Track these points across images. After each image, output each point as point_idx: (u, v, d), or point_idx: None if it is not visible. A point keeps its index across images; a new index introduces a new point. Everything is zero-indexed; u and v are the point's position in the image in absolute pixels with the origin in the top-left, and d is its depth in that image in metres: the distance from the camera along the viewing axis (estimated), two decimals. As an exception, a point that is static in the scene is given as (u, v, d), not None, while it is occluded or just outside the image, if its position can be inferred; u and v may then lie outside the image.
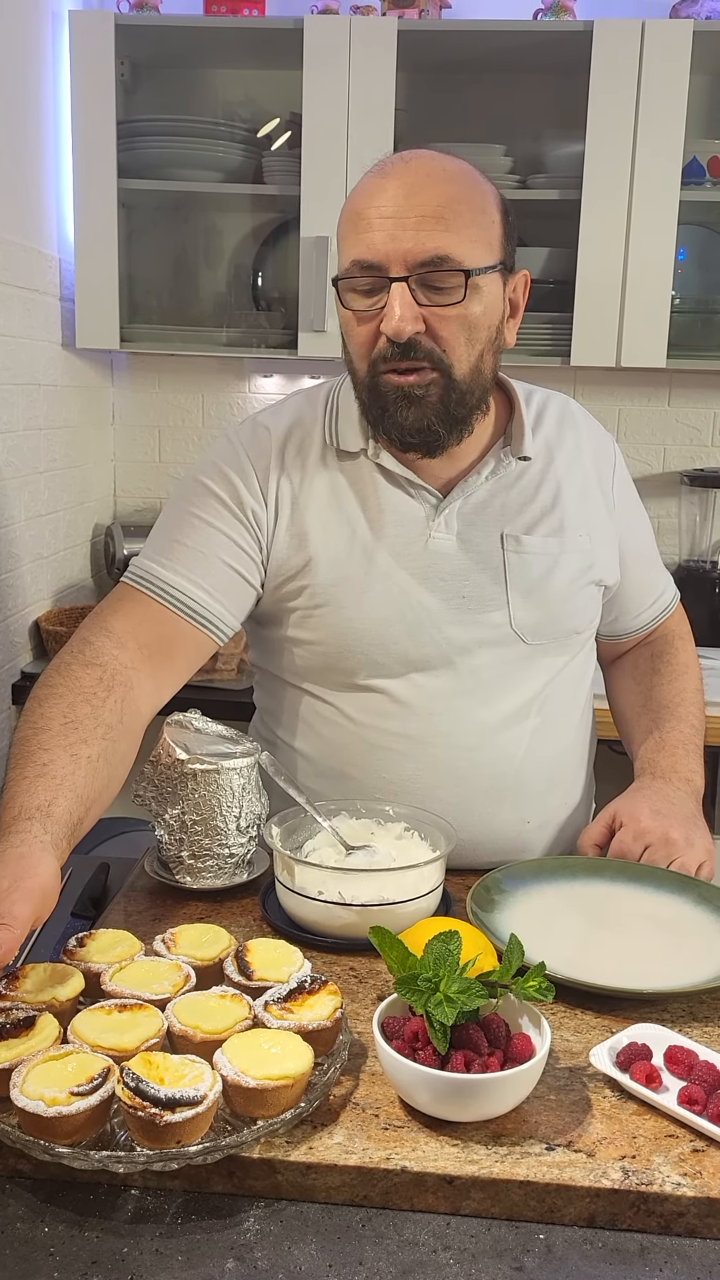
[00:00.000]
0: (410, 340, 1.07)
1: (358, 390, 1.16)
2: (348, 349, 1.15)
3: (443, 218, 1.06)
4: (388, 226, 1.06)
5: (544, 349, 2.26)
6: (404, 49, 2.15)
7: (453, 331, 1.09)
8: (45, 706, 1.02)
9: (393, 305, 1.06)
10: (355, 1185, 0.74)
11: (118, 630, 1.12)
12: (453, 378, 1.10)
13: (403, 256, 1.06)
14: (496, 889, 1.07)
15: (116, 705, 1.05)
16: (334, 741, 1.23)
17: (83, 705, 1.02)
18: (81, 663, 1.08)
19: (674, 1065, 0.82)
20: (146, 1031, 0.80)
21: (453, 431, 1.14)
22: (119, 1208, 0.73)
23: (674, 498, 2.53)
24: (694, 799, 1.21)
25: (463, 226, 1.07)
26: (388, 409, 1.12)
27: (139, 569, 1.17)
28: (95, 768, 0.99)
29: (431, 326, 1.08)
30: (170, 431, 2.68)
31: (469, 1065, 0.77)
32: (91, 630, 1.12)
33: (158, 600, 1.14)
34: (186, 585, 1.15)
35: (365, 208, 1.09)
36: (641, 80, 2.11)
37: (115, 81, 2.22)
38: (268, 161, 2.33)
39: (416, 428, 1.12)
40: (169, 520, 1.20)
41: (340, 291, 1.11)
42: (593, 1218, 0.73)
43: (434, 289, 1.07)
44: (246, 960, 0.90)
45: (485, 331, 1.12)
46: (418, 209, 1.06)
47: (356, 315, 1.10)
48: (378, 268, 1.07)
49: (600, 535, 1.26)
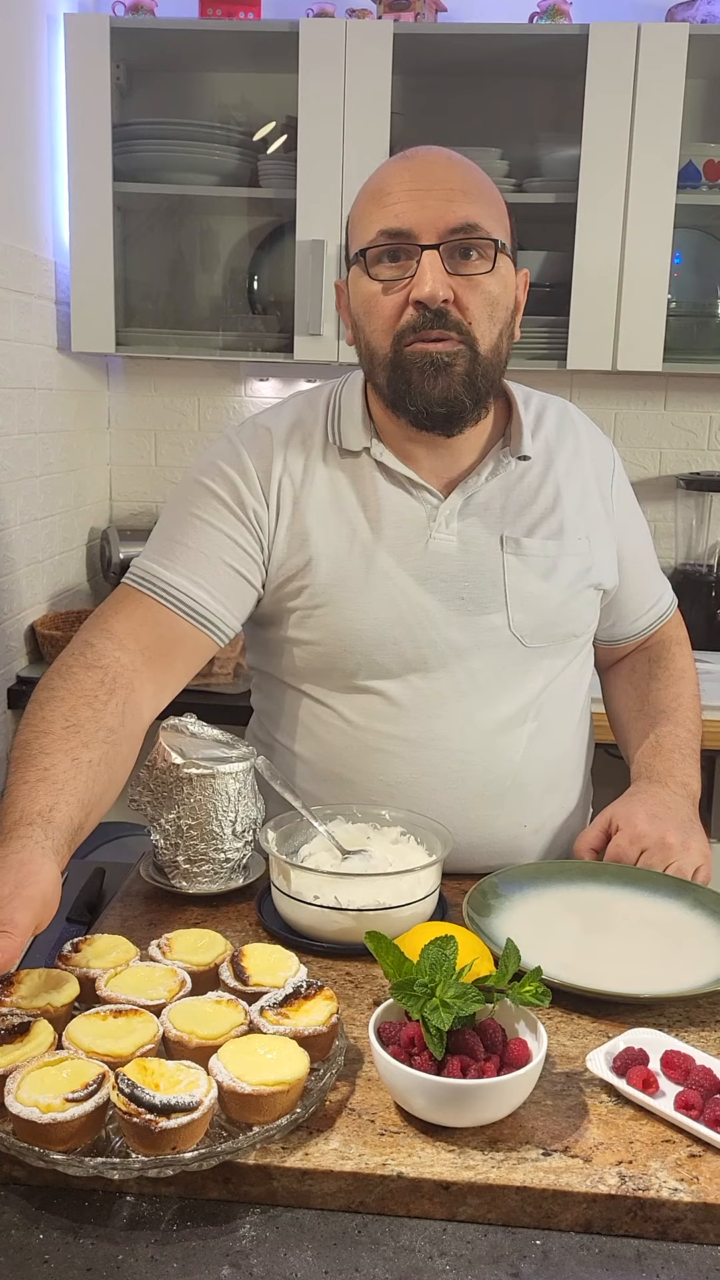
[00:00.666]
0: (439, 309, 1.08)
1: (376, 372, 1.15)
2: (365, 332, 1.14)
3: (469, 192, 1.10)
4: (416, 197, 1.08)
5: (540, 352, 2.26)
6: (400, 52, 2.16)
7: (478, 304, 1.10)
8: (47, 710, 1.02)
9: (424, 271, 1.08)
10: (351, 1191, 0.74)
11: (119, 632, 1.12)
12: (477, 351, 1.11)
13: (433, 224, 1.08)
14: (493, 893, 1.07)
15: (118, 708, 1.05)
16: (331, 744, 1.23)
17: (84, 708, 1.02)
18: (83, 665, 1.07)
19: (671, 1070, 0.82)
20: (142, 1037, 0.80)
21: (476, 405, 1.15)
22: (114, 1214, 0.73)
23: (670, 501, 2.53)
24: (690, 803, 1.21)
25: (486, 204, 1.11)
26: (413, 380, 1.12)
27: (140, 570, 1.17)
28: (96, 771, 0.98)
29: (459, 298, 1.10)
30: (166, 435, 2.68)
31: (465, 1070, 0.77)
32: (93, 632, 1.12)
33: (159, 601, 1.14)
34: (188, 586, 1.15)
35: (390, 185, 1.11)
36: (637, 84, 2.11)
37: (110, 85, 2.22)
38: (263, 165, 2.33)
39: (444, 397, 1.12)
40: (170, 521, 1.20)
41: (367, 264, 1.11)
42: (589, 1223, 0.73)
43: (462, 261, 1.09)
44: (242, 965, 0.90)
45: (503, 312, 1.14)
46: (444, 182, 1.09)
47: (384, 286, 1.11)
48: (407, 235, 1.08)
49: (599, 539, 1.26)
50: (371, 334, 1.13)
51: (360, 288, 1.13)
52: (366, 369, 1.18)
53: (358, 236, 1.13)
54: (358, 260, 1.12)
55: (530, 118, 2.36)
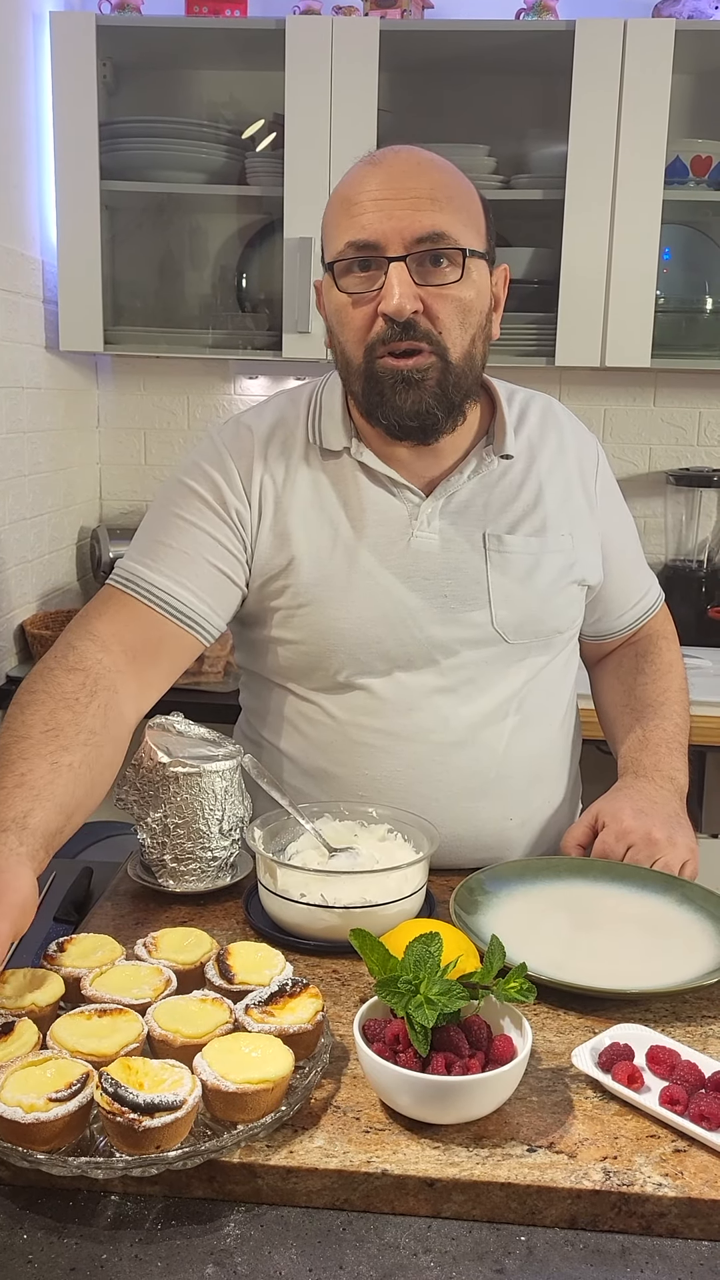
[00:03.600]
0: (408, 320, 1.08)
1: (351, 380, 1.15)
2: (339, 340, 1.14)
3: (436, 199, 1.08)
4: (383, 207, 1.07)
5: (529, 349, 2.26)
6: (386, 49, 2.15)
7: (449, 313, 1.09)
8: (27, 714, 1.01)
9: (391, 284, 1.07)
10: (336, 1189, 0.74)
11: (102, 633, 1.12)
12: (449, 360, 1.11)
13: (399, 234, 1.07)
14: (480, 890, 1.07)
15: (100, 710, 1.04)
16: (317, 740, 1.23)
17: (64, 712, 1.02)
18: (65, 668, 1.07)
19: (656, 1065, 0.82)
20: (126, 1036, 0.80)
21: (449, 417, 1.14)
22: (98, 1214, 0.73)
23: (660, 497, 2.53)
24: (677, 797, 1.21)
25: (456, 210, 1.09)
26: (385, 394, 1.11)
27: (124, 571, 1.16)
28: (77, 775, 0.98)
29: (428, 307, 1.09)
30: (156, 434, 2.67)
31: (450, 1067, 0.77)
32: (75, 634, 1.12)
33: (143, 602, 1.14)
34: (172, 587, 1.15)
35: (357, 193, 1.09)
36: (624, 80, 2.11)
37: (97, 83, 2.21)
38: (251, 163, 2.33)
39: (415, 411, 1.11)
40: (153, 522, 1.20)
41: (335, 275, 1.11)
42: (574, 1219, 0.73)
43: (431, 269, 1.08)
44: (228, 964, 0.90)
45: (477, 317, 1.13)
46: (411, 191, 1.08)
47: (352, 299, 1.10)
48: (374, 247, 1.08)
49: (582, 535, 1.26)
50: (345, 344, 1.14)
51: (332, 298, 1.13)
52: (343, 375, 1.18)
53: (328, 246, 1.13)
54: (328, 271, 1.12)
55: (517, 114, 2.36)
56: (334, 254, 1.11)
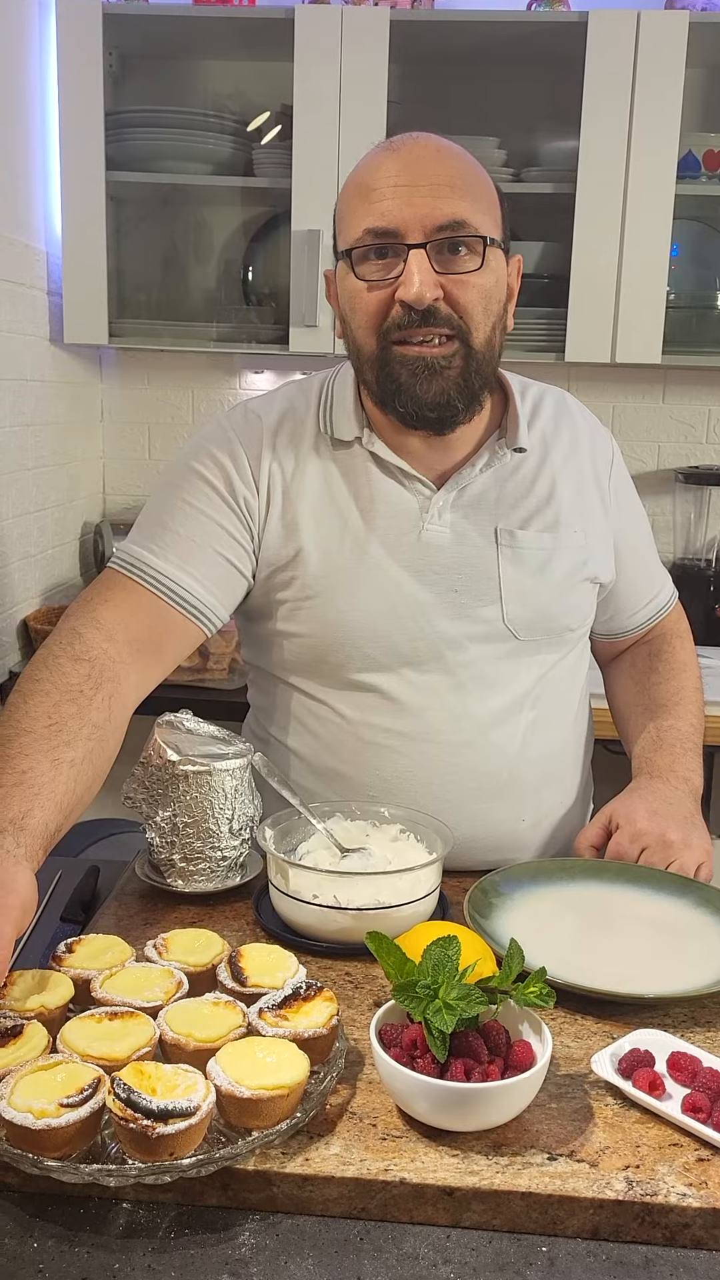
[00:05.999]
0: (429, 308, 1.06)
1: (364, 368, 1.13)
2: (352, 327, 1.12)
3: (456, 186, 1.06)
4: (402, 194, 1.05)
5: (539, 344, 2.24)
6: (396, 39, 2.13)
7: (471, 299, 1.08)
8: (30, 704, 1.00)
9: (411, 272, 1.05)
10: (353, 1197, 0.72)
11: (107, 621, 1.10)
12: (472, 346, 1.09)
13: (420, 222, 1.05)
14: (494, 892, 1.05)
15: (104, 703, 1.03)
16: (327, 739, 1.21)
17: (69, 705, 1.00)
18: (70, 657, 1.05)
19: (677, 1072, 0.80)
20: (138, 1040, 0.78)
21: (469, 406, 1.13)
22: (110, 1222, 0.71)
23: (669, 495, 2.52)
24: (692, 798, 1.19)
25: (475, 198, 1.08)
26: (403, 382, 1.09)
27: (129, 555, 1.14)
28: (78, 771, 0.96)
29: (449, 294, 1.07)
30: (160, 428, 2.65)
31: (469, 1074, 0.75)
32: (80, 620, 1.10)
33: (150, 590, 1.12)
34: (179, 575, 1.13)
35: (375, 179, 1.08)
36: (637, 72, 2.09)
37: (103, 72, 2.19)
38: (258, 154, 2.31)
39: (437, 401, 1.10)
40: (159, 505, 1.18)
41: (353, 263, 1.09)
42: (596, 1229, 0.71)
43: (451, 257, 1.07)
44: (240, 966, 0.88)
45: (496, 305, 1.12)
46: (430, 177, 1.06)
47: (369, 284, 1.08)
48: (393, 234, 1.06)
49: (595, 532, 1.24)
50: (357, 330, 1.12)
51: (347, 285, 1.11)
52: (355, 364, 1.16)
53: (344, 232, 1.11)
54: (344, 259, 1.10)
55: (528, 106, 2.34)
56: (351, 241, 1.09)
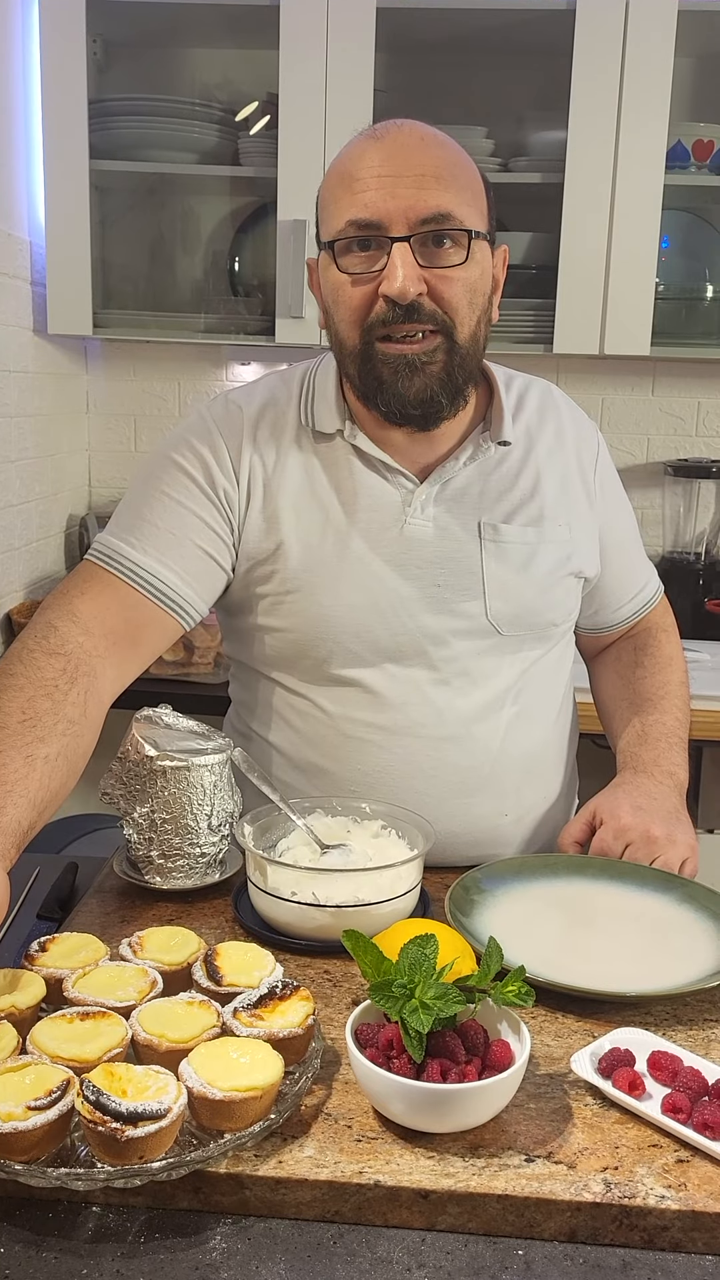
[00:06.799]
0: (413, 303, 1.04)
1: (346, 362, 1.12)
2: (334, 320, 1.11)
3: (441, 177, 1.04)
4: (386, 185, 1.03)
5: (527, 336, 2.23)
6: (384, 28, 2.11)
7: (456, 293, 1.06)
8: (3, 700, 0.98)
9: (394, 265, 1.03)
10: (326, 1200, 0.71)
11: (84, 614, 1.08)
12: (456, 341, 1.07)
13: (404, 214, 1.03)
14: (475, 889, 1.04)
15: (80, 698, 1.01)
16: (308, 734, 1.20)
17: (44, 700, 0.98)
18: (45, 651, 1.04)
19: (658, 1071, 0.79)
20: (109, 1041, 0.77)
21: (453, 402, 1.11)
22: (79, 1226, 0.70)
23: (658, 488, 2.50)
24: (677, 793, 1.18)
25: (460, 189, 1.05)
26: (385, 380, 1.08)
27: (107, 547, 1.13)
28: (53, 767, 0.95)
29: (433, 288, 1.05)
30: (146, 420, 2.63)
31: (445, 1074, 0.74)
32: (56, 613, 1.08)
33: (127, 583, 1.11)
34: (158, 568, 1.11)
35: (358, 168, 1.05)
36: (625, 61, 2.07)
37: (87, 60, 2.16)
38: (244, 143, 2.28)
39: (420, 398, 1.08)
40: (138, 497, 1.16)
41: (335, 254, 1.07)
42: (574, 1232, 0.70)
43: (435, 250, 1.05)
44: (216, 965, 0.87)
45: (481, 298, 1.10)
46: (415, 168, 1.04)
47: (352, 278, 1.06)
48: (376, 226, 1.04)
49: (580, 526, 1.23)
50: (340, 324, 1.10)
51: (330, 276, 1.09)
52: (337, 357, 1.14)
53: (327, 222, 1.09)
54: (326, 250, 1.09)
55: (516, 96, 2.32)
56: (333, 232, 1.07)
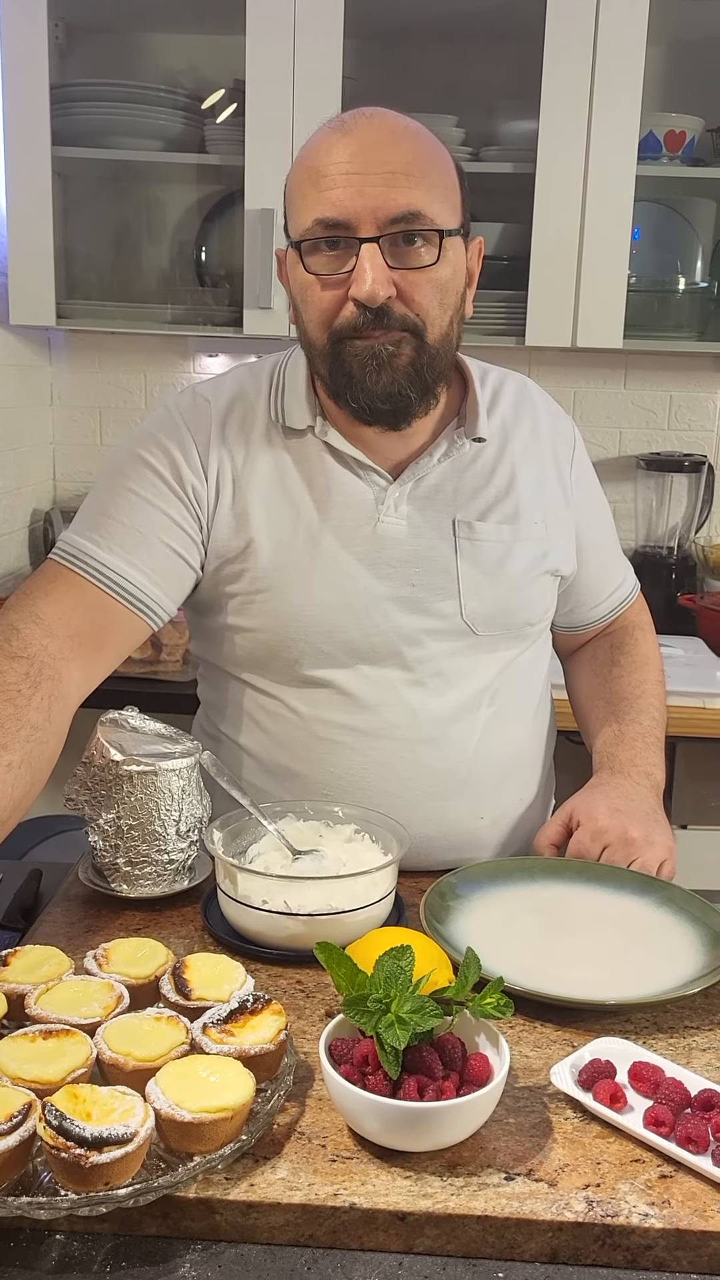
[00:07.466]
0: (382, 306, 1.01)
1: (314, 362, 1.09)
2: (303, 318, 1.08)
3: (411, 174, 1.00)
4: (354, 182, 1.00)
5: (498, 328, 2.20)
6: (352, 14, 2.07)
7: (426, 295, 1.03)
8: None
9: (363, 268, 1.00)
10: (300, 1224, 0.69)
11: (48, 616, 1.05)
12: (425, 339, 1.05)
13: (372, 214, 0.99)
14: (451, 894, 1.02)
15: (43, 702, 0.98)
16: (280, 736, 1.17)
17: (6, 705, 0.95)
18: (7, 655, 1.00)
19: (639, 1083, 0.78)
20: (74, 1061, 0.74)
21: (423, 398, 1.08)
22: (42, 1255, 0.67)
23: (630, 482, 2.49)
24: (654, 794, 1.17)
25: (431, 185, 1.02)
26: (354, 375, 1.05)
27: (71, 546, 1.09)
28: (16, 775, 0.91)
29: (403, 290, 1.02)
30: (112, 413, 2.58)
31: (422, 1091, 0.72)
32: (19, 616, 1.04)
33: (93, 583, 1.07)
34: (124, 567, 1.08)
35: (325, 164, 1.01)
36: (597, 50, 2.05)
37: (48, 43, 2.11)
38: (210, 130, 2.24)
39: (387, 393, 1.05)
40: (103, 493, 1.12)
41: (302, 253, 1.04)
42: (555, 1253, 0.68)
43: (405, 250, 1.02)
44: (184, 978, 0.84)
45: (454, 296, 1.07)
46: (385, 164, 1.00)
47: (320, 280, 1.03)
48: (344, 226, 1.00)
49: (556, 523, 1.21)
50: (309, 324, 1.07)
51: (297, 276, 1.06)
52: (307, 354, 1.11)
53: (294, 218, 1.06)
54: (293, 247, 1.05)
55: (487, 84, 2.29)
56: (300, 230, 1.04)
